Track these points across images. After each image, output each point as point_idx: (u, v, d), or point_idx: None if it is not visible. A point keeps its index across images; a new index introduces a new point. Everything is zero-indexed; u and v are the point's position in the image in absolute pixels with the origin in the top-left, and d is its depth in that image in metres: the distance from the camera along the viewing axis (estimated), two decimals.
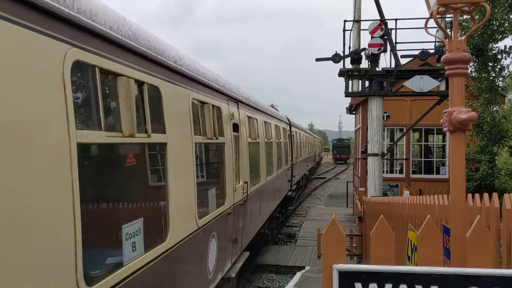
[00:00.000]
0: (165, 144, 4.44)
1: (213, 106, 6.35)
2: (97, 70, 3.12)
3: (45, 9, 2.59)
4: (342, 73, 13.30)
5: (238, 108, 8.26)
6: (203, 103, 5.94)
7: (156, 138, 4.20)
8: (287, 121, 18.89)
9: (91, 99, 3.19)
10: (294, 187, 20.85)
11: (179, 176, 4.79)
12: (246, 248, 8.89)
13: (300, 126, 30.08)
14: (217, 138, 6.53)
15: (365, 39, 13.03)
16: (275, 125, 14.18)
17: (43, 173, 2.54)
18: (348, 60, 13.12)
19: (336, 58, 13.06)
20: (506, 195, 3.43)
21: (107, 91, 3.38)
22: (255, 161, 10.19)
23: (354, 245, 11.68)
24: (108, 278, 3.21)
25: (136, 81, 3.73)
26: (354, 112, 24.43)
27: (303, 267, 10.97)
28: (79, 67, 2.94)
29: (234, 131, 7.74)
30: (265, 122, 11.93)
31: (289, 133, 19.05)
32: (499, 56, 15.83)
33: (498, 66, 15.99)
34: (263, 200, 11.16)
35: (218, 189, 6.78)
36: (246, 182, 8.50)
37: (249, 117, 9.48)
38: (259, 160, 10.66)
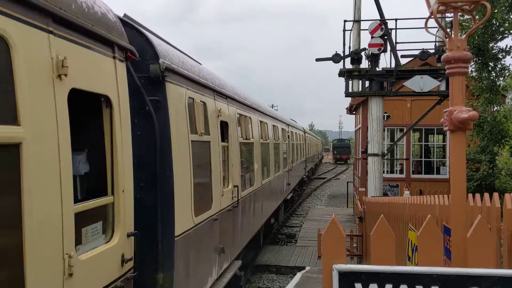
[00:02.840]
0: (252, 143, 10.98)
1: (284, 128, 16.96)
2: (196, 100, 6.06)
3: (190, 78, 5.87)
4: (342, 73, 13.28)
5: (288, 127, 18.72)
6: (283, 129, 16.70)
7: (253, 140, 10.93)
8: (303, 130, 29.79)
9: (191, 116, 5.77)
10: (307, 174, 31.09)
11: (276, 156, 14.57)
12: (290, 194, 19.07)
13: (309, 131, 42.81)
14: (285, 141, 17.01)
15: (365, 39, 13.02)
16: (298, 133, 24.44)
17: (187, 156, 5.53)
18: (348, 60, 13.11)
19: (336, 58, 13.04)
20: (507, 195, 3.41)
21: (199, 112, 6.11)
22: (292, 152, 19.85)
23: (355, 245, 11.67)
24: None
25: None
26: (354, 112, 24.42)
27: (303, 268, 10.95)
28: (189, 100, 5.73)
29: (288, 138, 18.15)
30: (295, 132, 22.45)
31: (304, 137, 28.35)
32: (500, 56, 15.81)
33: (499, 66, 15.96)
34: (295, 172, 20.84)
35: (286, 160, 16.91)
36: (292, 161, 19.13)
37: (291, 131, 20.01)
38: (294, 153, 20.58)
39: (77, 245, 3.06)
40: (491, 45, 15.78)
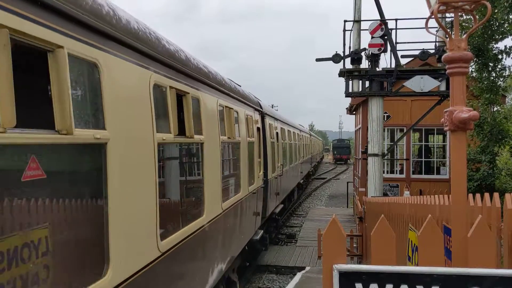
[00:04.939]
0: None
1: (298, 133, 24.72)
2: (271, 123, 13.43)
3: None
4: (342, 73, 13.28)
5: (300, 132, 26.93)
6: (298, 134, 24.56)
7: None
8: (309, 133, 39.13)
9: (269, 130, 12.97)
10: (312, 169, 40.46)
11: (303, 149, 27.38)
12: (302, 179, 27.09)
13: (313, 134, 51.74)
14: (299, 142, 24.64)
15: (365, 39, 13.03)
16: (305, 136, 31.34)
17: (270, 148, 12.65)
18: (348, 60, 13.11)
19: (336, 58, 13.04)
20: (507, 195, 3.41)
21: (272, 129, 13.41)
22: (303, 150, 27.03)
23: (355, 245, 11.67)
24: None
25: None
26: (354, 112, 24.41)
27: (303, 268, 10.95)
28: (269, 124, 12.72)
29: (300, 139, 26.26)
30: (304, 135, 29.37)
31: (310, 139, 36.92)
32: (500, 56, 15.81)
33: (499, 66, 15.96)
34: (304, 164, 28.37)
35: (299, 155, 24.21)
36: (303, 156, 26.85)
37: (302, 135, 27.97)
38: (303, 150, 27.65)
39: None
40: (491, 45, 15.78)
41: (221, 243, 6.76)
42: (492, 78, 15.98)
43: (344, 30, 13.25)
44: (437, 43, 12.93)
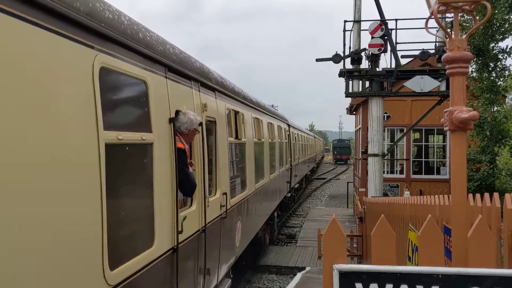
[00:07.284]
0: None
1: (306, 136, 32.19)
2: (292, 131, 21.21)
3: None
4: (343, 73, 13.28)
5: (307, 135, 34.37)
6: (306, 137, 31.99)
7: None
8: (313, 136, 46.97)
9: (292, 135, 20.71)
10: (315, 165, 48.31)
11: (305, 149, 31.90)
12: (309, 171, 35.05)
13: (316, 136, 57.76)
14: (307, 143, 31.92)
15: (366, 39, 13.02)
16: (311, 138, 38.47)
17: (292, 147, 20.95)
18: (348, 60, 13.11)
19: (336, 58, 13.04)
20: (507, 195, 3.41)
21: (293, 133, 21.32)
22: (309, 149, 34.85)
23: (355, 245, 11.67)
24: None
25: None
26: (354, 112, 24.43)
27: (303, 268, 10.95)
28: (291, 132, 19.94)
29: (308, 141, 33.99)
30: (309, 138, 36.86)
31: (314, 141, 44.08)
32: (500, 56, 15.80)
33: (499, 66, 15.96)
34: (310, 160, 36.66)
35: (307, 152, 31.35)
36: (309, 153, 34.62)
37: (309, 138, 36.01)
38: (310, 149, 35.61)
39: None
40: (491, 45, 15.78)
41: (277, 190, 13.92)
42: (492, 78, 15.98)
43: (344, 30, 13.26)
44: (437, 43, 12.93)
